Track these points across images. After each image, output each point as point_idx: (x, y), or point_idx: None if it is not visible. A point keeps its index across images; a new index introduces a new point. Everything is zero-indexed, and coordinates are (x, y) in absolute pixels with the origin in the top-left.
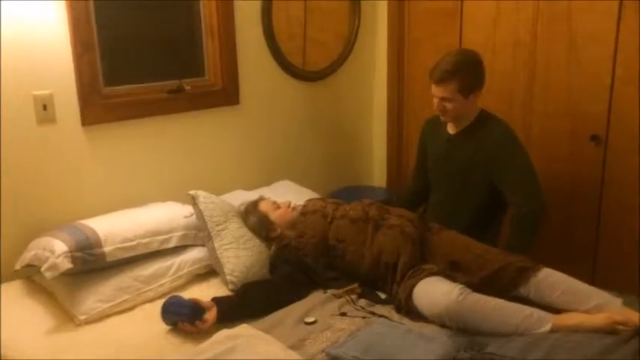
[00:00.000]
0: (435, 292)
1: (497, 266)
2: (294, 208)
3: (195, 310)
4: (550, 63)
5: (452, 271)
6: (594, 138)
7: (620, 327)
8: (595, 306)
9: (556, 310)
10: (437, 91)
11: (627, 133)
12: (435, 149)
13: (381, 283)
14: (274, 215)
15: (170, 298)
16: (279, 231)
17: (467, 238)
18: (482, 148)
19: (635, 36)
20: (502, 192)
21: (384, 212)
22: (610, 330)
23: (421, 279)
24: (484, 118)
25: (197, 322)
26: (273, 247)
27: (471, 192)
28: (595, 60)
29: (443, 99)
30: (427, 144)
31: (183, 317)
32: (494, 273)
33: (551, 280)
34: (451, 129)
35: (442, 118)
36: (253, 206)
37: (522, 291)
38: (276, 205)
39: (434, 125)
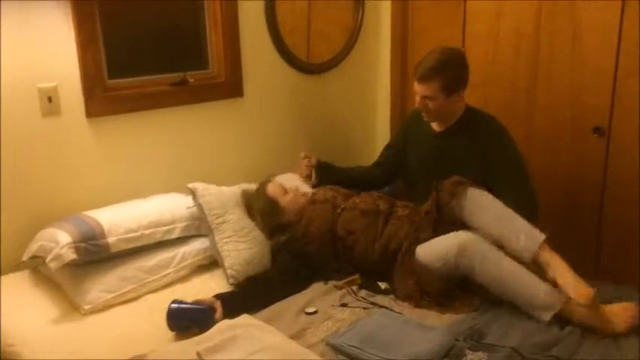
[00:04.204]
0: (442, 238)
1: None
2: (303, 194)
3: (208, 313)
4: (553, 54)
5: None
6: (597, 130)
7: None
8: (523, 246)
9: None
10: (419, 88)
11: (630, 125)
12: (418, 146)
13: (390, 272)
14: (284, 201)
15: (173, 303)
16: (286, 218)
17: None
18: (474, 145)
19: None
20: (493, 189)
21: (392, 205)
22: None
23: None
24: (472, 114)
25: None
26: (277, 238)
27: None
28: (598, 51)
29: (425, 97)
30: (409, 137)
31: (199, 323)
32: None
33: (483, 202)
34: (437, 126)
35: (425, 117)
36: (261, 189)
37: (456, 207)
38: (285, 190)
39: (420, 118)
